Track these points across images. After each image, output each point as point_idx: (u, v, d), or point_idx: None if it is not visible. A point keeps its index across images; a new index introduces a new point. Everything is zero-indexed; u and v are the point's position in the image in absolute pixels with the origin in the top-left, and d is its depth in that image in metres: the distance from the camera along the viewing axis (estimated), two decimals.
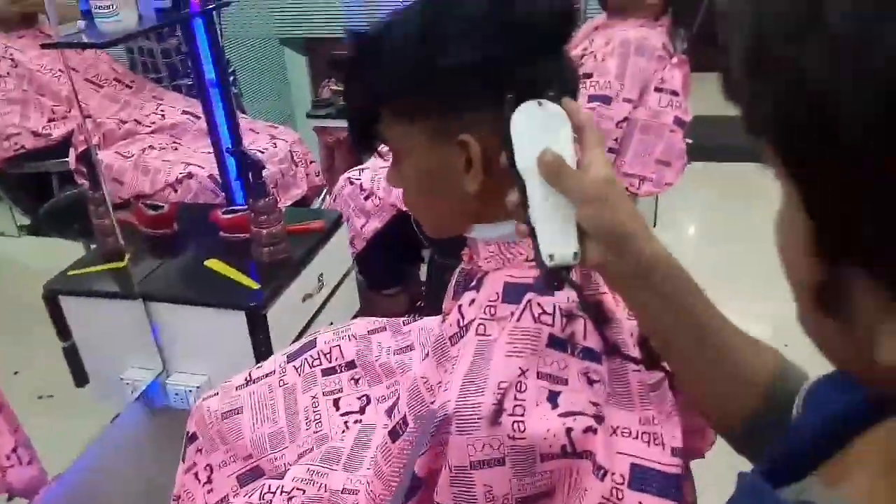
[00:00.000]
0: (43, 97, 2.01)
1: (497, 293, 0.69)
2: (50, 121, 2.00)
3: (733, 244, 2.66)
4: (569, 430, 0.61)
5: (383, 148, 0.74)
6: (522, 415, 0.61)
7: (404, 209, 1.88)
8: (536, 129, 0.59)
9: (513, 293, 0.68)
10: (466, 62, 0.63)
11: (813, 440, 0.43)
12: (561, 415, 0.62)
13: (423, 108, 0.66)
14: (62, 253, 1.73)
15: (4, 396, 1.34)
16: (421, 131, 0.67)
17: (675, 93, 1.70)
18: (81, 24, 1.33)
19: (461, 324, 0.71)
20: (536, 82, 0.63)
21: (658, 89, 1.70)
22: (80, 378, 1.60)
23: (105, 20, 1.25)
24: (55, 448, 1.42)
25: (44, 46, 1.37)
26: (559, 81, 0.65)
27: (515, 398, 0.62)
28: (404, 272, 2.25)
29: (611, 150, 1.71)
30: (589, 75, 1.70)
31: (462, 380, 0.64)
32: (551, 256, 0.57)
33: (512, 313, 0.67)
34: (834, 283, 0.32)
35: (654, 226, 2.61)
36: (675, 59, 1.73)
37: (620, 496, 0.60)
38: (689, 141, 1.85)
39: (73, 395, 1.73)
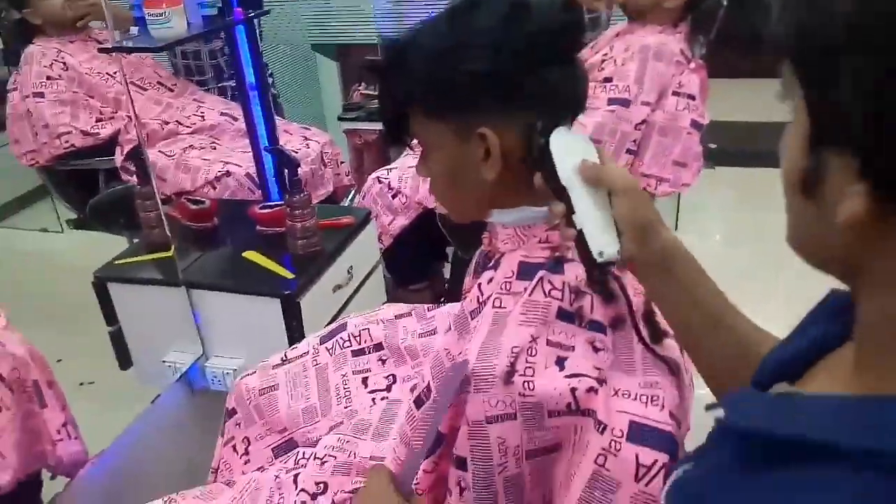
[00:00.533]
0: (92, 98, 2.13)
1: (513, 271, 0.77)
2: (98, 121, 2.12)
3: (753, 245, 2.70)
4: (573, 390, 0.68)
5: (413, 142, 0.82)
6: (532, 375, 0.68)
7: (430, 207, 1.97)
8: (569, 147, 0.69)
9: (526, 271, 0.76)
10: (485, 69, 0.71)
11: (793, 360, 0.52)
12: (567, 376, 0.69)
13: (447, 107, 0.75)
14: (105, 247, 1.83)
15: (53, 375, 1.45)
16: (446, 127, 0.75)
17: (692, 97, 1.76)
18: (135, 30, 1.43)
19: (480, 300, 0.79)
20: (548, 87, 0.72)
21: (676, 93, 1.76)
22: (125, 361, 1.70)
23: (158, 27, 1.35)
24: (97, 431, 1.52)
25: (101, 51, 1.48)
26: (571, 86, 0.75)
27: (526, 361, 0.69)
28: (429, 268, 2.32)
29: (629, 152, 1.77)
30: (609, 79, 1.76)
31: (480, 345, 0.72)
32: (601, 254, 0.66)
33: (525, 289, 0.74)
34: (815, 168, 0.42)
35: (676, 228, 2.65)
36: (692, 65, 1.79)
37: (618, 448, 0.67)
38: (713, 146, 1.91)
39: (114, 382, 1.83)
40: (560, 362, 0.70)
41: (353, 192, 2.41)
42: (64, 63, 2.10)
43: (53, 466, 1.44)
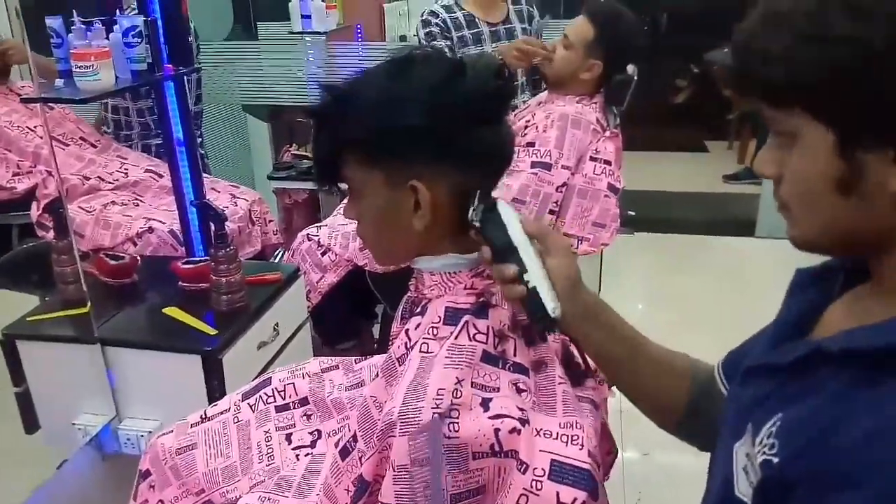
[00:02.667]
0: (9, 152, 2.06)
1: (439, 316, 0.79)
2: (14, 175, 2.04)
3: (672, 305, 2.84)
4: (497, 431, 0.70)
5: (344, 186, 0.84)
6: (457, 417, 0.70)
7: (360, 265, 1.98)
8: (509, 212, 0.76)
9: (453, 316, 0.78)
10: (421, 124, 0.74)
11: (791, 324, 0.63)
12: (491, 417, 0.71)
13: (382, 157, 0.77)
14: (14, 306, 1.74)
15: None
16: (379, 175, 0.78)
17: (608, 162, 1.88)
18: (60, 82, 1.42)
19: (408, 345, 0.80)
20: (480, 146, 0.77)
21: (593, 158, 1.87)
22: (31, 424, 1.60)
23: (85, 79, 1.34)
24: (4, 499, 1.43)
25: (24, 101, 1.45)
26: (500, 147, 0.80)
27: (452, 403, 0.70)
28: (358, 327, 2.31)
29: (551, 212, 1.85)
30: (532, 143, 1.86)
31: (406, 389, 0.73)
32: (554, 309, 0.73)
33: (451, 333, 0.77)
34: (851, 170, 0.52)
35: (599, 291, 2.75)
36: (607, 133, 1.92)
37: (539, 487, 0.69)
38: (632, 213, 2.03)
39: (19, 447, 1.71)
40: (485, 403, 0.72)
41: (281, 250, 2.40)
42: None
43: None
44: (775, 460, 0.53)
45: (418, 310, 0.83)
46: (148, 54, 1.53)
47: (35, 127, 2.09)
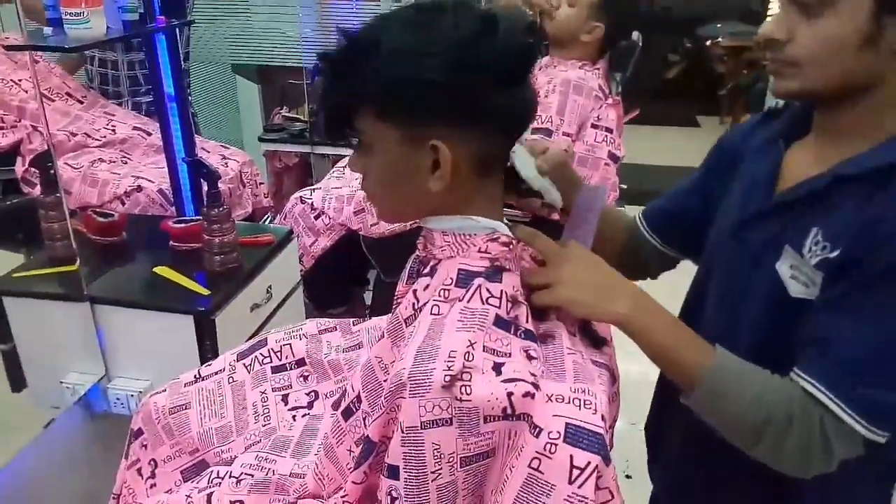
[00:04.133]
0: None
1: (451, 278, 0.76)
2: None
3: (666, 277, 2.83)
4: (510, 395, 0.68)
5: (353, 139, 0.79)
6: (469, 380, 0.68)
7: (354, 229, 1.95)
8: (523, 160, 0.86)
9: (465, 278, 0.76)
10: (447, 81, 0.70)
11: (766, 177, 0.87)
12: (504, 381, 0.69)
13: (401, 113, 0.73)
14: (2, 262, 1.71)
15: None
16: (395, 131, 0.74)
17: (609, 130, 1.85)
18: (48, 30, 1.36)
19: (416, 306, 0.78)
20: (505, 106, 0.73)
21: (594, 126, 1.84)
22: (18, 383, 1.57)
23: (75, 27, 1.29)
24: None
25: (10, 48, 1.39)
26: (523, 107, 0.76)
27: (464, 366, 0.68)
28: (349, 293, 2.30)
29: None
30: None
31: (416, 350, 0.71)
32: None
33: (463, 295, 0.75)
34: (876, 29, 0.71)
35: None
36: (609, 100, 1.89)
37: (553, 450, 0.67)
38: (624, 186, 2.01)
39: (6, 408, 1.69)
40: (497, 368, 0.70)
41: (270, 214, 2.36)
42: None
43: None
44: (833, 255, 0.74)
45: (426, 270, 0.80)
46: (140, 4, 1.47)
47: (20, 80, 2.03)
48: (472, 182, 0.76)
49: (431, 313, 0.75)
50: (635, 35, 1.96)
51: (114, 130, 2.16)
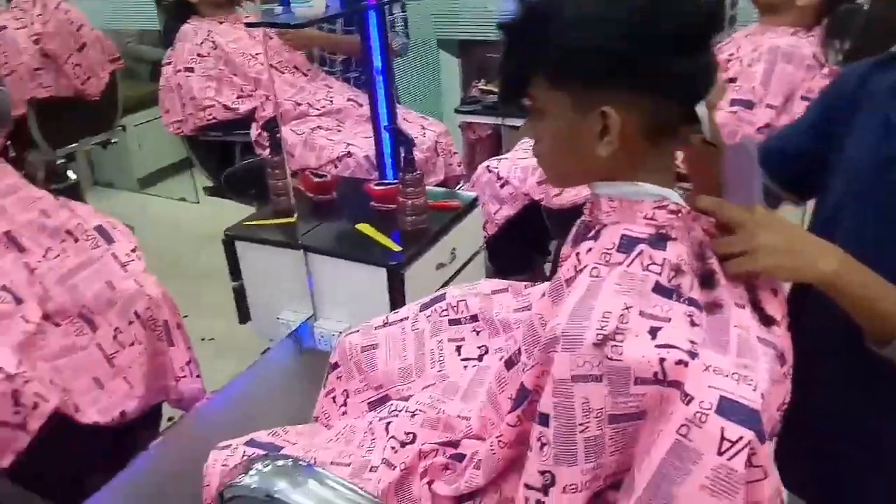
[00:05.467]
0: (235, 76, 2.32)
1: (613, 243, 0.77)
2: (238, 97, 2.31)
3: None
4: (662, 360, 0.68)
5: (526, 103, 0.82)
6: (622, 341, 0.69)
7: (537, 199, 2.00)
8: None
9: (628, 244, 0.76)
10: (623, 49, 0.70)
11: None
12: (658, 346, 0.69)
13: (574, 80, 0.74)
14: (234, 216, 2.00)
15: (181, 318, 1.60)
16: (565, 98, 0.75)
17: None
18: (279, 9, 1.56)
19: (577, 268, 0.79)
20: (683, 74, 0.72)
21: (804, 98, 1.69)
22: (244, 315, 1.85)
23: (300, 5, 1.47)
24: (213, 378, 1.66)
25: (249, 25, 1.62)
26: (703, 76, 0.74)
27: (617, 327, 0.69)
28: (530, 262, 2.35)
29: None
30: (734, 80, 1.72)
31: (571, 308, 0.73)
32: None
33: (624, 260, 0.75)
34: None
35: None
36: (825, 70, 1.72)
37: (704, 420, 0.66)
38: None
39: (232, 338, 1.99)
40: (653, 332, 0.70)
41: (462, 182, 2.48)
42: (213, 42, 2.31)
43: (175, 400, 1.60)
44: None
45: (591, 234, 0.81)
46: None
47: (257, 54, 2.33)
48: (642, 148, 0.75)
49: (591, 275, 0.75)
50: None
51: (331, 101, 2.40)
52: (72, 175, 2.78)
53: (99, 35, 2.68)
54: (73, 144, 2.73)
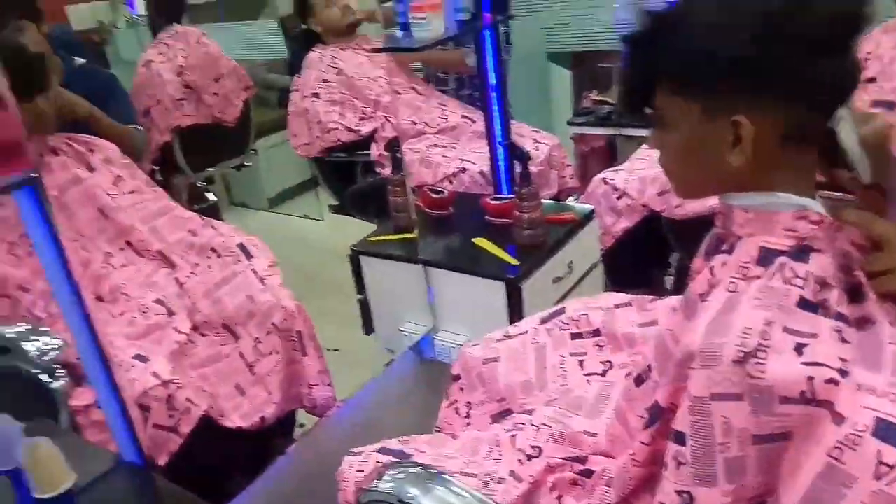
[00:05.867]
0: (357, 100, 2.44)
1: (751, 256, 0.73)
2: (360, 119, 2.42)
3: None
4: (810, 378, 0.64)
5: (649, 112, 0.80)
6: (765, 358, 0.65)
7: (656, 210, 1.95)
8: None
9: (767, 257, 0.72)
10: (755, 54, 0.67)
11: None
12: (804, 363, 0.65)
13: (702, 88, 0.72)
14: (357, 231, 2.10)
15: (314, 329, 1.69)
16: (693, 106, 0.73)
17: None
18: (399, 33, 1.64)
19: (711, 283, 0.77)
20: (821, 80, 0.68)
21: None
22: (369, 327, 1.94)
23: (420, 29, 1.54)
24: (340, 386, 1.73)
25: (374, 51, 1.71)
26: (842, 80, 0.71)
27: (759, 344, 0.66)
28: (650, 276, 2.29)
29: None
30: (873, 79, 1.61)
31: (708, 322, 0.70)
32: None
33: (764, 274, 0.71)
34: None
35: None
36: None
37: (858, 442, 0.62)
38: None
39: (357, 348, 2.08)
40: (799, 349, 0.66)
41: (576, 195, 2.47)
42: (337, 68, 2.45)
43: (308, 407, 1.69)
44: None
45: (725, 247, 0.78)
46: (471, 5, 1.67)
47: (376, 77, 2.44)
48: (778, 156, 0.72)
49: (728, 290, 0.73)
50: None
51: (446, 119, 2.47)
52: (211, 196, 3.02)
53: (234, 65, 2.89)
54: (212, 168, 2.94)
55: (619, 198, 2.02)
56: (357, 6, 2.43)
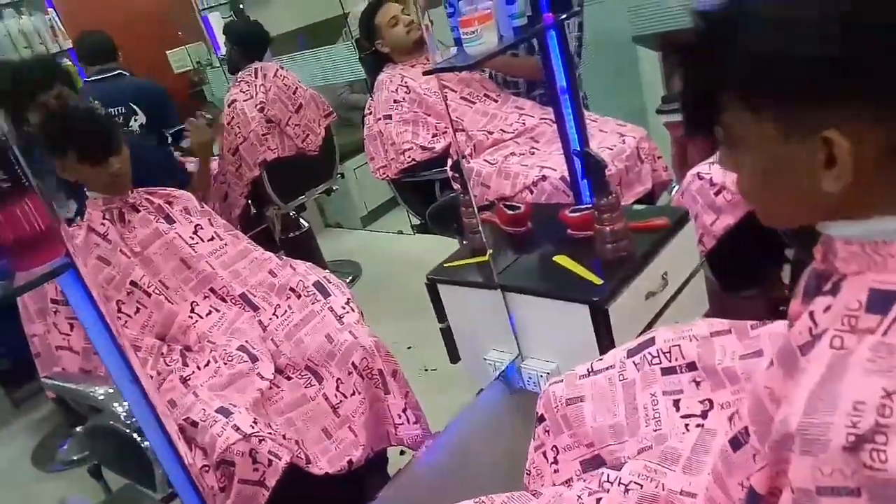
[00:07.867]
0: (429, 116, 2.38)
1: (859, 301, 0.60)
2: (434, 136, 2.36)
3: None
4: None
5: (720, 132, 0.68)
6: (885, 444, 0.53)
7: None
8: None
9: (879, 302, 0.59)
10: (835, 55, 0.56)
11: None
12: None
13: (775, 99, 0.60)
14: (444, 248, 2.03)
15: (399, 365, 1.65)
16: (768, 122, 0.61)
17: None
18: (453, 49, 1.55)
19: (813, 332, 0.64)
20: None
21: None
22: (454, 355, 1.87)
23: (471, 45, 1.44)
24: (436, 410, 1.70)
25: (425, 73, 1.63)
26: None
27: (876, 423, 0.53)
28: (764, 273, 2.07)
29: None
30: None
31: (809, 394, 0.58)
32: None
33: (878, 326, 0.58)
34: None
35: None
36: None
37: None
38: None
39: (452, 370, 2.02)
40: None
41: (675, 184, 2.27)
42: (407, 87, 2.40)
43: (397, 444, 1.65)
44: None
45: (827, 287, 0.65)
46: (527, 7, 1.55)
47: (447, 92, 2.36)
48: (886, 176, 0.58)
49: (832, 346, 0.60)
50: None
51: (524, 123, 2.35)
52: (304, 223, 3.10)
53: (313, 94, 2.93)
54: (301, 197, 3.00)
55: (717, 193, 1.83)
56: (419, 20, 2.37)
